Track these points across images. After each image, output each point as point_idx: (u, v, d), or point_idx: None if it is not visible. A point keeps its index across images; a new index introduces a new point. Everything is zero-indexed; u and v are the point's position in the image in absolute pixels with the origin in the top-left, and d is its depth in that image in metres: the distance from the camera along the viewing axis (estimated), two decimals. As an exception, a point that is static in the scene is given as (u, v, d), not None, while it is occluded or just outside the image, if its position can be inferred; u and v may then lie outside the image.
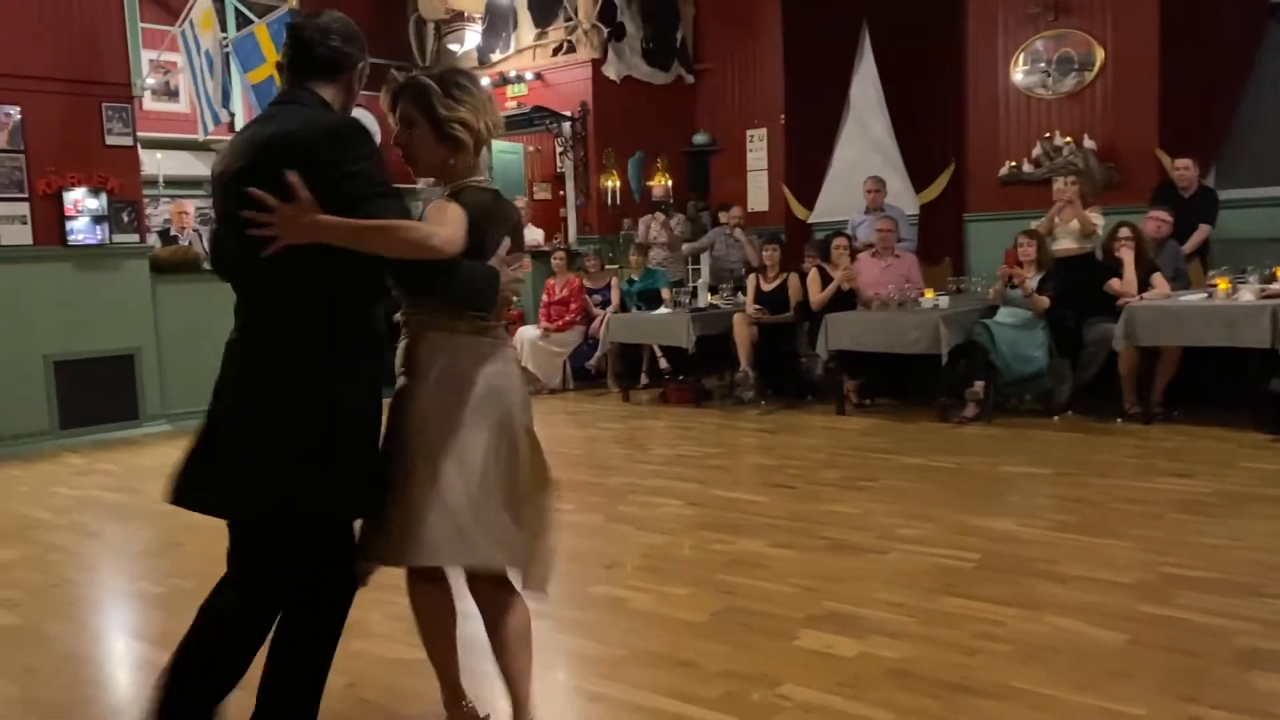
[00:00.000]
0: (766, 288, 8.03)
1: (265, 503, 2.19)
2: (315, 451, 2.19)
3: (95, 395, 7.54)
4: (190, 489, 2.24)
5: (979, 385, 6.70)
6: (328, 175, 2.11)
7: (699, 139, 11.28)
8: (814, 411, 7.52)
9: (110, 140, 7.61)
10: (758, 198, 10.97)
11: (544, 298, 9.35)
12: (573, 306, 9.21)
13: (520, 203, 10.34)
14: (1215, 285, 6.22)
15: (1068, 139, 8.79)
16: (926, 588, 3.59)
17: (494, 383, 2.37)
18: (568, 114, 10.61)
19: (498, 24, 11.12)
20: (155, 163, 9.73)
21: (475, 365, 2.36)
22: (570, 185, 10.92)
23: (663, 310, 8.34)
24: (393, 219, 2.15)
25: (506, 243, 2.37)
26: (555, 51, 10.83)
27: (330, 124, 2.25)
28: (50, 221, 7.34)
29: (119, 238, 7.64)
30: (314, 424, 2.19)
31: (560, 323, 9.15)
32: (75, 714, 2.93)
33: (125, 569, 4.43)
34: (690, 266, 10.27)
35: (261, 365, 2.23)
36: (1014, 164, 9.15)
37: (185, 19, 8.68)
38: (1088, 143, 8.68)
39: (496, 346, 2.41)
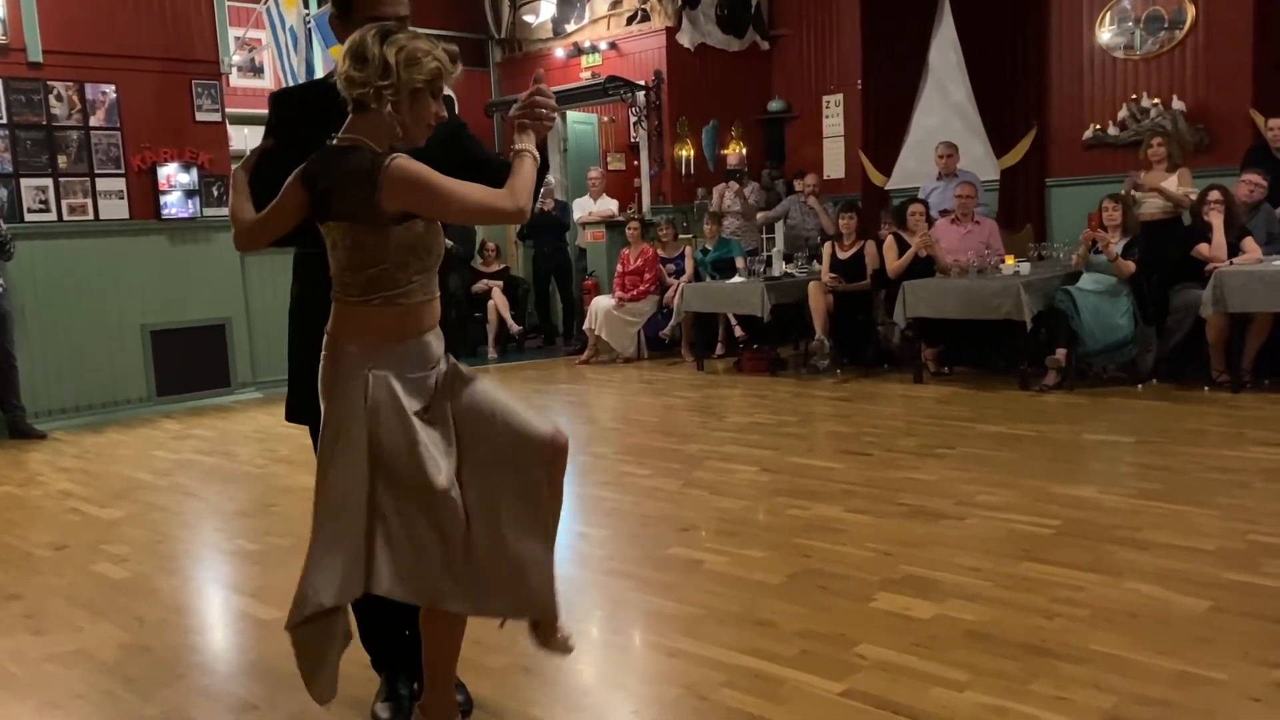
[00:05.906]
0: (842, 255, 7.99)
1: None
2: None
3: (189, 363, 7.86)
4: None
5: (1060, 353, 6.59)
6: None
7: (774, 106, 11.20)
8: (891, 380, 7.48)
9: (200, 116, 7.88)
10: (834, 165, 10.87)
11: (618, 267, 9.42)
12: (647, 276, 9.26)
13: (595, 173, 10.43)
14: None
15: (1155, 100, 8.53)
16: (1005, 553, 3.58)
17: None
18: (642, 83, 10.61)
19: (572, -6, 11.15)
20: (242, 138, 10.00)
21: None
22: (644, 155, 10.94)
23: (737, 279, 8.34)
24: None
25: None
26: (629, 20, 10.82)
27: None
28: (145, 196, 7.63)
29: (209, 211, 7.91)
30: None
31: (634, 292, 9.21)
32: (181, 661, 3.09)
33: (223, 527, 4.62)
34: (765, 235, 10.23)
35: None
36: (1098, 127, 8.92)
37: (269, -4, 8.86)
38: (1177, 104, 8.42)
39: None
